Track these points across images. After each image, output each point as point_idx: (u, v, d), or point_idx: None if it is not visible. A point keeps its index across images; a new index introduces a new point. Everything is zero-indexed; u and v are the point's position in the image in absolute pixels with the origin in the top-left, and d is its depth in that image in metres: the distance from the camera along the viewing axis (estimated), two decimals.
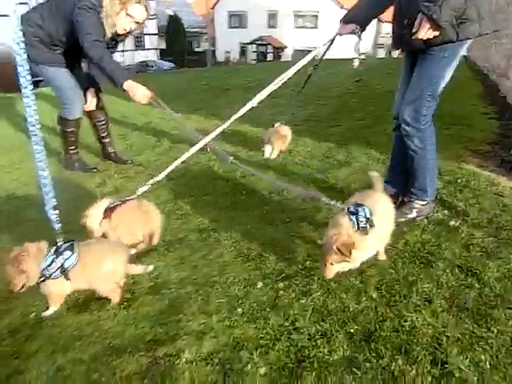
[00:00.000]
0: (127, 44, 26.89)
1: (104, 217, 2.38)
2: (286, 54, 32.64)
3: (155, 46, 34.46)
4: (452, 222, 2.43)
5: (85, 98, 3.91)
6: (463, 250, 2.15)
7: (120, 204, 2.41)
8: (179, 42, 34.07)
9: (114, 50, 3.84)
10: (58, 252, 1.97)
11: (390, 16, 2.43)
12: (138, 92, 3.21)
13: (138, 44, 32.64)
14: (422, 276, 1.99)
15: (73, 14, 3.27)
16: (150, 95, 3.22)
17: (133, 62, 27.97)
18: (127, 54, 27.08)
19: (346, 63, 9.99)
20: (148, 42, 33.87)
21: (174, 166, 2.71)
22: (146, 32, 31.57)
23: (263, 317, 1.86)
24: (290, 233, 2.57)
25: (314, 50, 2.91)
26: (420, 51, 2.33)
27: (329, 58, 3.53)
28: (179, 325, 1.87)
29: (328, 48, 2.91)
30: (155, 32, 34.15)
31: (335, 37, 2.74)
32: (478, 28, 2.14)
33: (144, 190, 2.54)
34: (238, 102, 2.79)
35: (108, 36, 3.54)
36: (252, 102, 2.83)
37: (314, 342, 1.68)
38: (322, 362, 1.59)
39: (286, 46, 33.58)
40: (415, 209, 2.55)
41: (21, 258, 1.93)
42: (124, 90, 3.24)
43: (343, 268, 1.91)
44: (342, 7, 28.33)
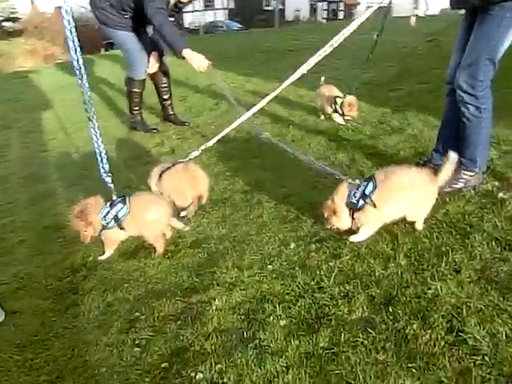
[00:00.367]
0: (197, 4, 26.91)
1: (158, 179, 2.59)
2: (359, 12, 30.77)
3: (225, 6, 34.14)
4: (500, 194, 2.31)
5: (148, 61, 4.14)
6: (506, 224, 2.05)
7: (170, 167, 2.59)
8: (248, 1, 33.45)
9: (178, 16, 3.99)
10: (112, 205, 2.23)
11: None
12: (196, 60, 3.36)
13: (208, 4, 32.52)
14: (455, 246, 1.95)
15: None
16: (207, 64, 3.35)
17: (202, 23, 28.04)
18: (196, 14, 27.14)
19: (418, 21, 9.27)
20: (218, 1, 33.64)
21: (225, 131, 2.84)
22: None
23: (291, 275, 1.97)
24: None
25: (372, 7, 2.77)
26: (479, 11, 2.16)
27: (400, 15, 3.34)
28: (213, 276, 2.06)
29: (390, 2, 2.76)
30: None
31: None
32: None
33: (196, 154, 2.69)
34: (301, 65, 2.79)
35: (171, 3, 3.70)
36: (307, 64, 2.77)
37: (335, 302, 1.76)
38: (340, 320, 1.67)
39: (358, 3, 31.56)
40: (462, 179, 2.44)
41: (87, 211, 2.21)
42: (183, 57, 3.39)
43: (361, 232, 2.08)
44: None
